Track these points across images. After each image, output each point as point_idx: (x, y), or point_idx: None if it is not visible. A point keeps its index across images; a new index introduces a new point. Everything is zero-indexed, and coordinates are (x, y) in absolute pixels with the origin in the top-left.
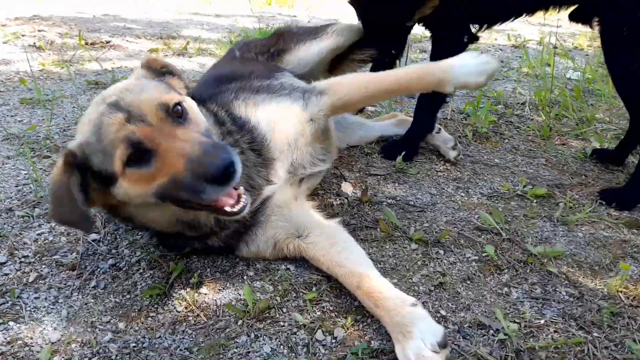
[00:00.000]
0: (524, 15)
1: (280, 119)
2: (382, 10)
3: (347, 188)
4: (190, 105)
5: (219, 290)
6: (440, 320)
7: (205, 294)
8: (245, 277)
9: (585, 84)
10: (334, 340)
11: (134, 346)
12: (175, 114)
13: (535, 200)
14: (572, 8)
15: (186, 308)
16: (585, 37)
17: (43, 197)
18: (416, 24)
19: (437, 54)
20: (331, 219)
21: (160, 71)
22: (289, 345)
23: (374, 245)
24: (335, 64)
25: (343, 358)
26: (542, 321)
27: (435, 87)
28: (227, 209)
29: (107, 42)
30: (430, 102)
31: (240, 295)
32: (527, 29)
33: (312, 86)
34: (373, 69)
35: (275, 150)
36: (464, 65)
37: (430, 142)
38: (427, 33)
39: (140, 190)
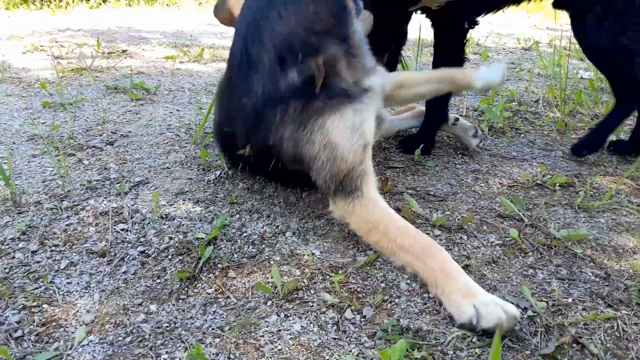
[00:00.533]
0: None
1: None
2: None
3: None
4: None
5: (247, 274)
6: None
7: (234, 278)
8: (272, 262)
9: (598, 82)
10: (363, 319)
11: (167, 326)
12: None
13: (554, 189)
14: None
15: (216, 290)
16: None
17: (70, 191)
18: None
19: (440, 39)
20: None
21: None
22: (319, 323)
23: None
24: None
25: (373, 335)
26: (570, 300)
27: (467, 85)
28: None
29: (124, 51)
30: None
31: (268, 278)
32: (535, 33)
33: None
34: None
35: None
36: (483, 72)
37: (451, 133)
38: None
39: None
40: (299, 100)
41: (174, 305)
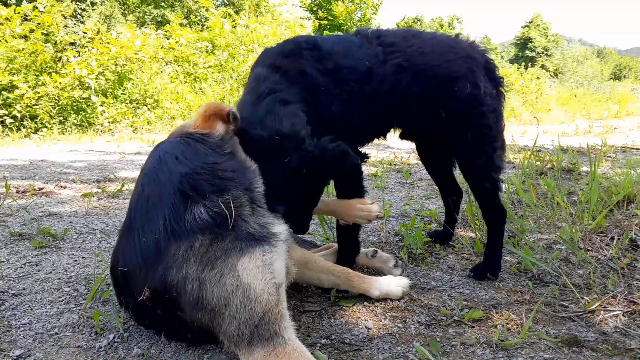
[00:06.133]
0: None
1: None
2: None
3: None
4: None
5: None
6: None
7: None
8: None
9: (512, 195)
10: None
11: None
12: None
13: (472, 325)
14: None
15: None
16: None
17: None
18: None
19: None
20: None
21: None
22: None
23: None
24: None
25: None
26: None
27: (365, 291)
28: None
29: (40, 189)
30: (346, 228)
31: None
32: None
33: None
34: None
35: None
36: (384, 283)
37: (372, 266)
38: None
39: None
40: (206, 237)
41: None
